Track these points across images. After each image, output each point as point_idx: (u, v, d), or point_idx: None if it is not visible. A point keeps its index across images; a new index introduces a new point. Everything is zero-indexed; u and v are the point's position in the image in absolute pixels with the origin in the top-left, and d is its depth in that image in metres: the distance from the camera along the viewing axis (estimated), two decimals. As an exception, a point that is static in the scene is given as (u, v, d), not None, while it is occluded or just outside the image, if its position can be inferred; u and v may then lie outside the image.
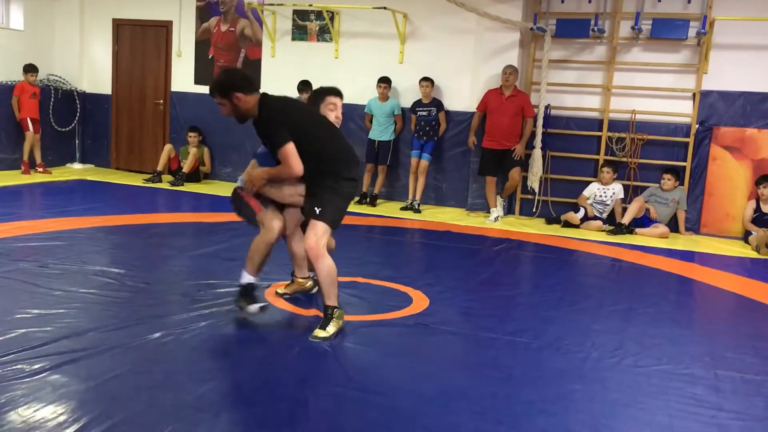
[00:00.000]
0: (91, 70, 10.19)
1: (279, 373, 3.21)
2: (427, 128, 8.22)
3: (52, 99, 9.70)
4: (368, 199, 8.40)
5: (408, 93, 8.49)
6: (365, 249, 6.27)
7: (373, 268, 5.23)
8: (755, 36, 7.43)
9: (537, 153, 7.93)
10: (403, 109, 8.46)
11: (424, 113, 8.21)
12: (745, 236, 7.36)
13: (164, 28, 9.73)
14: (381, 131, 8.39)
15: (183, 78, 9.70)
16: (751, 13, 7.32)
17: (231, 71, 3.83)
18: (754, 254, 6.85)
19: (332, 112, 4.13)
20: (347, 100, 8.70)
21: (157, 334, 3.55)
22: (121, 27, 9.97)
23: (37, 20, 9.82)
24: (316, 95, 4.27)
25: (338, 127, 4.08)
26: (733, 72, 7.56)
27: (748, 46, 7.51)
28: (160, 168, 9.23)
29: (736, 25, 7.42)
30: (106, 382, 2.95)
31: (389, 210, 8.13)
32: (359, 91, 8.61)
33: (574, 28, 7.94)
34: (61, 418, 2.59)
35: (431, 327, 3.98)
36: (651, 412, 2.98)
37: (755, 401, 3.18)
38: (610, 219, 7.78)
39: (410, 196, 8.34)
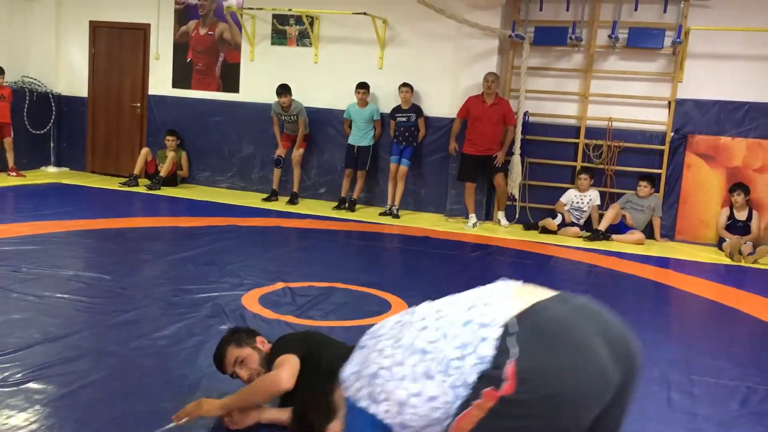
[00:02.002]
0: (67, 72, 10.07)
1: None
2: (407, 134, 8.23)
3: (27, 101, 9.57)
4: (347, 205, 8.39)
5: (387, 98, 8.50)
6: (344, 254, 6.27)
7: (351, 274, 5.22)
8: (729, 46, 7.55)
9: (516, 159, 7.99)
10: (382, 115, 8.47)
11: (404, 119, 8.23)
12: (719, 243, 7.47)
13: (142, 31, 9.65)
14: (360, 137, 8.39)
15: (161, 81, 9.62)
16: (726, 24, 7.45)
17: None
18: (727, 261, 6.95)
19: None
20: (327, 104, 8.83)
21: (132, 340, 3.51)
22: (98, 29, 9.87)
23: (12, 21, 9.69)
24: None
25: None
26: (707, 81, 7.68)
27: (723, 56, 7.63)
28: (136, 172, 9.14)
29: (710, 35, 7.53)
30: (80, 389, 2.91)
31: (368, 215, 8.13)
32: (338, 96, 8.61)
33: (552, 36, 8.01)
34: (34, 426, 2.55)
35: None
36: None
37: (729, 406, 3.22)
38: (587, 225, 7.85)
39: (389, 202, 8.34)
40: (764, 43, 7.45)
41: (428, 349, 1.82)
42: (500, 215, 8.16)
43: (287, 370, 2.60)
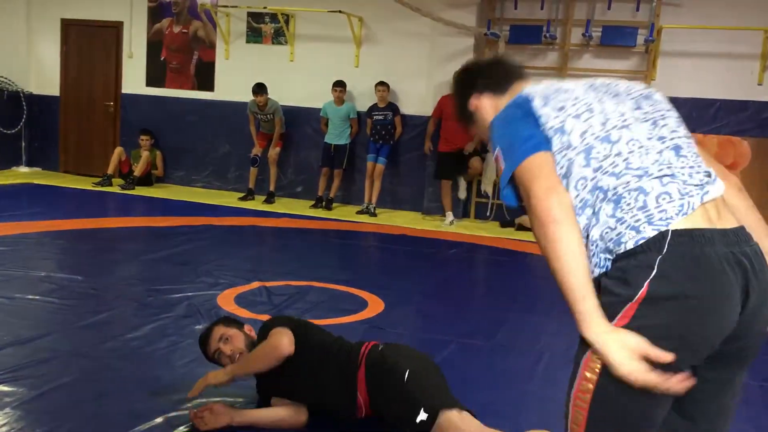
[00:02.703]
0: (39, 71, 9.92)
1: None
2: (383, 132, 8.24)
3: (-3, 100, 9.43)
4: (324, 203, 8.37)
5: (364, 97, 8.49)
6: (320, 253, 6.25)
7: (328, 272, 5.21)
8: (701, 44, 7.65)
9: (491, 157, 8.02)
10: (358, 113, 8.46)
11: (380, 117, 8.23)
12: (692, 239, 7.56)
13: (114, 29, 9.54)
14: (337, 135, 8.37)
15: (134, 80, 9.51)
16: (697, 22, 7.54)
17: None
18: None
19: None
20: (303, 103, 8.80)
21: (105, 342, 3.47)
22: (69, 27, 9.74)
23: (-19, 19, 9.54)
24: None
25: None
26: (679, 79, 7.77)
27: (694, 54, 7.73)
28: (110, 171, 9.02)
29: (682, 34, 7.63)
30: (51, 391, 2.87)
31: (345, 214, 8.12)
32: (315, 94, 8.58)
33: (526, 35, 8.06)
34: (4, 429, 2.51)
35: (386, 330, 3.98)
36: (601, 412, 3.03)
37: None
38: (563, 222, 7.90)
39: (366, 200, 8.34)
40: (734, 41, 7.56)
41: (598, 135, 1.55)
42: (462, 185, 8.18)
43: (287, 336, 2.61)
